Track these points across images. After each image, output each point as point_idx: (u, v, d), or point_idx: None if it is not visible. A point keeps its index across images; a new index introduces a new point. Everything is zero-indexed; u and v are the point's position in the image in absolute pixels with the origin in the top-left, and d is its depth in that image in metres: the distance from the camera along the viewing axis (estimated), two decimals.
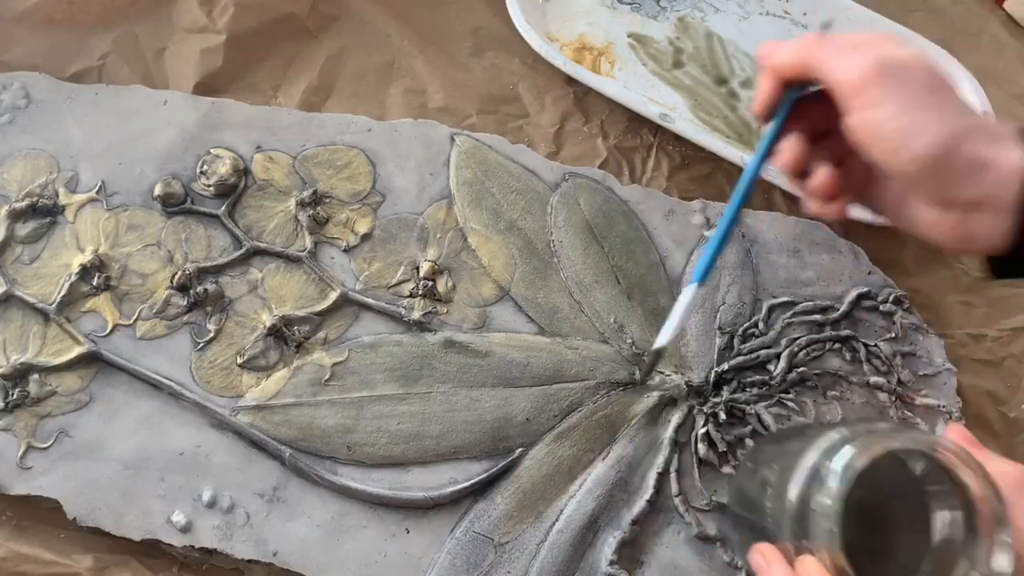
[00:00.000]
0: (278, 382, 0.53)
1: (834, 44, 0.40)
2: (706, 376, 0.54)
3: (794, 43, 0.41)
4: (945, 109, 0.38)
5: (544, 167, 0.60)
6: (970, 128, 0.38)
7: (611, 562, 0.49)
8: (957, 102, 0.39)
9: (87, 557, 0.50)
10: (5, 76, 0.62)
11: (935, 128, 0.37)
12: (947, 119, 0.37)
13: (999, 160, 0.37)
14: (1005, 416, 0.57)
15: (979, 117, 0.39)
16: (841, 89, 0.39)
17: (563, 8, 0.69)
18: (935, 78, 0.39)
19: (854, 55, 0.39)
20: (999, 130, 0.39)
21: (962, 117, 0.38)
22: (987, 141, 0.38)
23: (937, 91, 0.38)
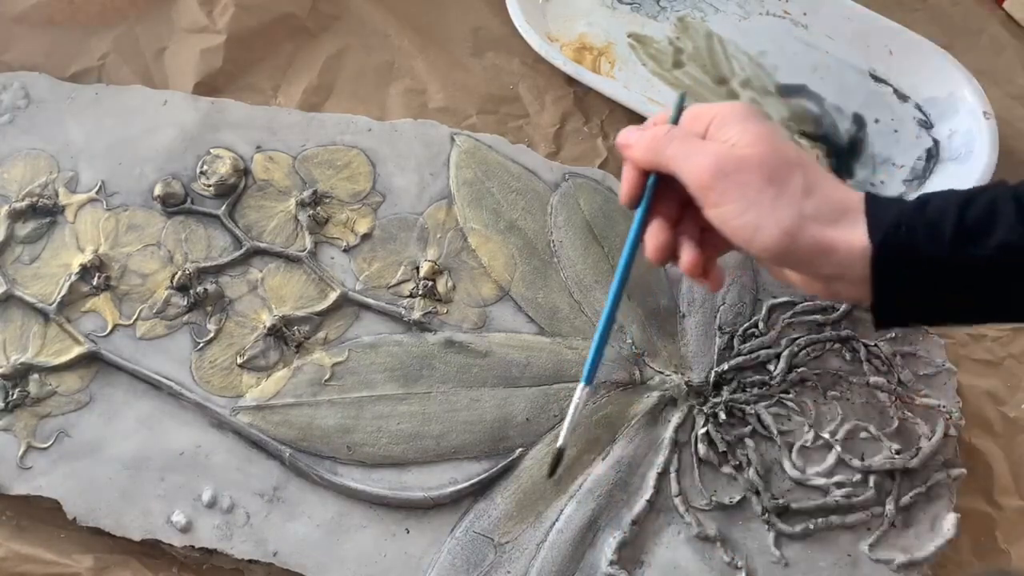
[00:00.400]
0: (278, 382, 0.53)
1: (679, 141, 0.41)
2: (706, 376, 0.54)
3: (647, 137, 0.42)
4: (782, 200, 0.39)
5: (544, 167, 0.60)
6: (810, 214, 0.39)
7: (611, 562, 0.49)
8: (797, 187, 0.39)
9: (87, 557, 0.50)
10: (5, 76, 0.62)
11: (774, 222, 0.39)
12: (785, 211, 0.38)
13: (842, 242, 0.38)
14: (1005, 416, 0.57)
15: (823, 195, 0.39)
16: (689, 188, 0.41)
17: (563, 8, 0.69)
18: (773, 168, 0.39)
19: (696, 157, 0.40)
20: (846, 203, 0.39)
21: (803, 202, 0.39)
22: (828, 223, 0.39)
23: (774, 182, 0.39)
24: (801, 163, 0.40)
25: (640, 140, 0.43)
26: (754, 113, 0.41)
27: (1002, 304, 0.38)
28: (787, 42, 0.69)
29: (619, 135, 0.44)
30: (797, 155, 0.40)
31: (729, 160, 0.39)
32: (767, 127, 0.41)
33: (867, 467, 0.51)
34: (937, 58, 0.65)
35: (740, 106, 0.42)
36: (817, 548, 0.50)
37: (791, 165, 0.39)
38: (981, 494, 0.54)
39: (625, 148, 0.44)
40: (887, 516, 0.50)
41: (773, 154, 0.39)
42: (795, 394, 0.53)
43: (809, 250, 0.39)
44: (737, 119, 0.41)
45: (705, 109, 0.43)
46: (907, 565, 0.50)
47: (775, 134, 0.41)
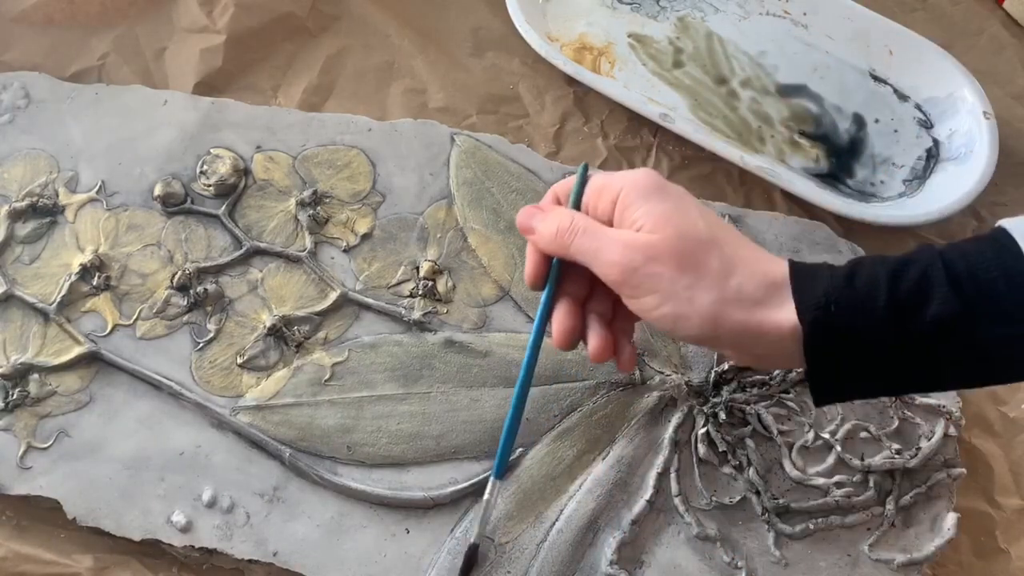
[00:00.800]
0: (278, 382, 0.53)
1: (584, 235, 0.39)
2: (706, 376, 0.54)
3: (550, 228, 0.41)
4: (700, 287, 0.37)
5: (544, 167, 0.60)
6: (731, 298, 0.37)
7: (611, 562, 0.49)
8: (713, 270, 0.37)
9: (87, 557, 0.50)
10: (5, 76, 0.62)
11: (693, 311, 0.37)
12: (704, 298, 0.37)
13: (769, 324, 0.37)
14: (1005, 416, 0.57)
15: (744, 273, 0.37)
16: (604, 281, 0.39)
17: (563, 8, 0.69)
18: (684, 253, 0.37)
19: (604, 254, 0.38)
20: (770, 277, 0.37)
21: (722, 285, 0.37)
22: (753, 305, 0.37)
23: (688, 270, 0.37)
24: (715, 241, 0.38)
25: (544, 230, 0.41)
26: (657, 187, 0.39)
27: (937, 375, 0.37)
28: (787, 42, 0.69)
29: (519, 216, 0.42)
30: (709, 233, 0.38)
31: (637, 252, 0.38)
32: (672, 204, 0.39)
33: (867, 467, 0.51)
34: (937, 58, 0.65)
35: (643, 179, 0.39)
36: (817, 548, 0.50)
37: (703, 246, 0.38)
38: (981, 494, 0.54)
39: (527, 233, 0.42)
40: (887, 516, 0.50)
41: (681, 238, 0.38)
42: (795, 394, 0.53)
43: (735, 334, 0.37)
44: (640, 197, 0.39)
45: (608, 183, 0.40)
46: (907, 565, 0.50)
47: (683, 212, 0.38)
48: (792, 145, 0.64)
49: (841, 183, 0.63)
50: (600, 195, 0.41)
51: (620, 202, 0.39)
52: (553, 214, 0.41)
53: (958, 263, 0.36)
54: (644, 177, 0.40)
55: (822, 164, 0.64)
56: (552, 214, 0.41)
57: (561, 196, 0.43)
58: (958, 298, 0.35)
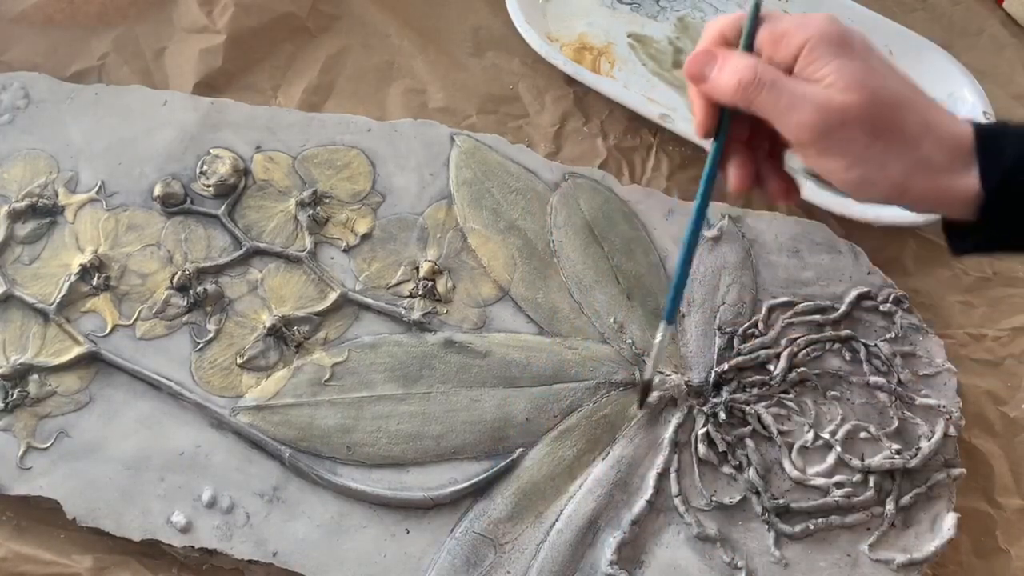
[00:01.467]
0: (278, 382, 0.53)
1: (771, 90, 0.37)
2: (706, 376, 0.54)
3: (730, 77, 0.38)
4: (891, 153, 0.36)
5: (544, 167, 0.60)
6: (920, 164, 0.36)
7: (611, 562, 0.49)
8: (905, 135, 0.36)
9: (87, 557, 0.50)
10: (5, 76, 0.62)
11: (883, 177, 0.37)
12: (894, 165, 0.36)
13: (954, 190, 0.37)
14: (1005, 416, 0.57)
15: (933, 138, 0.36)
16: (786, 138, 0.38)
17: (563, 8, 0.69)
18: (879, 118, 0.36)
19: (794, 113, 0.37)
20: (957, 141, 0.37)
21: (913, 152, 0.36)
22: (939, 171, 0.36)
23: (882, 135, 0.36)
24: (908, 105, 0.37)
25: (723, 82, 0.38)
26: (846, 40, 0.37)
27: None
28: None
29: (689, 63, 0.39)
30: (903, 95, 0.37)
31: (832, 115, 0.36)
32: (863, 62, 0.37)
33: (867, 467, 0.51)
34: (937, 58, 0.65)
35: (828, 27, 0.37)
36: (817, 548, 0.50)
37: (897, 110, 0.36)
38: (981, 494, 0.54)
39: (698, 81, 0.39)
40: (887, 516, 0.50)
41: (877, 102, 0.36)
42: (795, 394, 0.53)
43: (918, 199, 0.37)
44: (830, 51, 0.37)
45: (790, 31, 0.38)
46: (907, 565, 0.49)
47: (876, 71, 0.37)
48: None
49: None
50: (780, 43, 0.38)
51: (807, 54, 0.37)
52: (731, 62, 0.38)
53: None
54: (829, 25, 0.37)
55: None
56: (730, 62, 0.38)
57: (728, 34, 0.39)
58: None
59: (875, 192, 0.37)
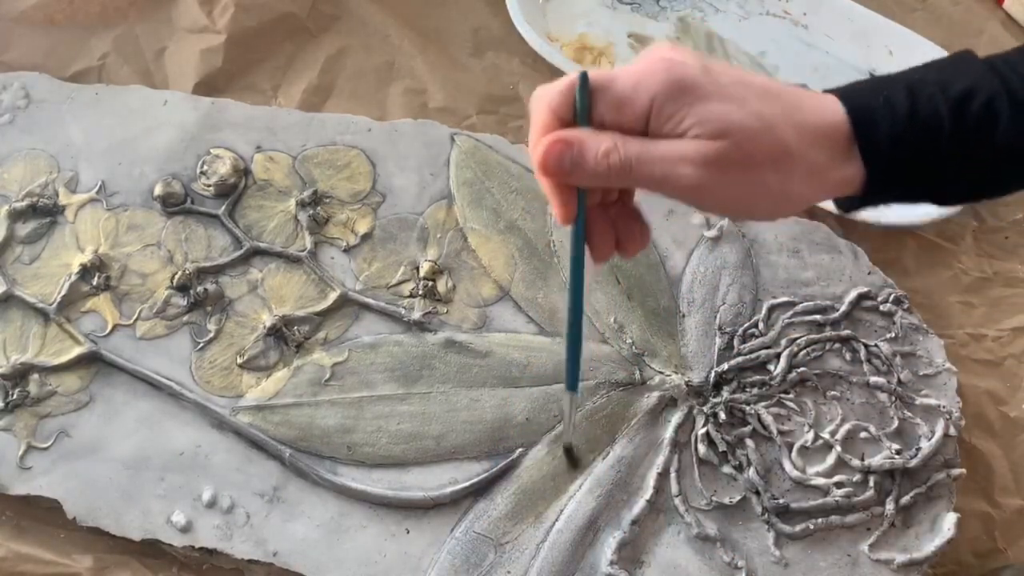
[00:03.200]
0: (278, 382, 0.53)
1: (642, 162, 0.35)
2: (706, 376, 0.54)
3: (593, 161, 0.36)
4: (779, 175, 0.36)
5: None
6: (807, 174, 0.36)
7: (611, 562, 0.49)
8: (785, 153, 0.35)
9: (87, 557, 0.50)
10: (5, 76, 0.62)
11: (778, 200, 0.36)
12: (785, 185, 0.36)
13: (838, 181, 0.37)
14: (1005, 416, 0.57)
15: (808, 140, 0.36)
16: (671, 198, 0.37)
17: (563, 8, 0.69)
18: (758, 148, 0.35)
19: (673, 178, 0.35)
20: (833, 131, 0.36)
21: (797, 167, 0.36)
22: (824, 174, 0.36)
23: (763, 162, 0.35)
24: (778, 119, 0.35)
25: (587, 167, 0.36)
26: (691, 85, 0.35)
27: (981, 188, 0.38)
28: (787, 42, 0.69)
29: (543, 157, 0.36)
30: (768, 112, 0.35)
31: (711, 167, 0.35)
32: (720, 99, 0.35)
33: (867, 467, 0.51)
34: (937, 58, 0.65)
35: (669, 81, 0.35)
36: (817, 548, 0.50)
37: (771, 131, 0.35)
38: (981, 494, 0.54)
39: (560, 175, 0.36)
40: (887, 516, 0.50)
41: (749, 135, 0.35)
42: (795, 394, 0.53)
43: (815, 201, 0.38)
44: (681, 102, 0.35)
45: (629, 96, 0.35)
46: (907, 565, 0.49)
47: (734, 101, 0.35)
48: None
49: None
50: (623, 110, 0.36)
51: (657, 115, 0.35)
52: (589, 144, 0.36)
53: (1020, 90, 0.36)
54: (666, 75, 0.35)
55: None
56: (587, 145, 0.36)
57: (559, 111, 0.36)
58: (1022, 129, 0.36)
59: (778, 214, 0.38)
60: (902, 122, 0.36)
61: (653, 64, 0.36)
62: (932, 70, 0.38)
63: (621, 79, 0.36)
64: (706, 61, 0.36)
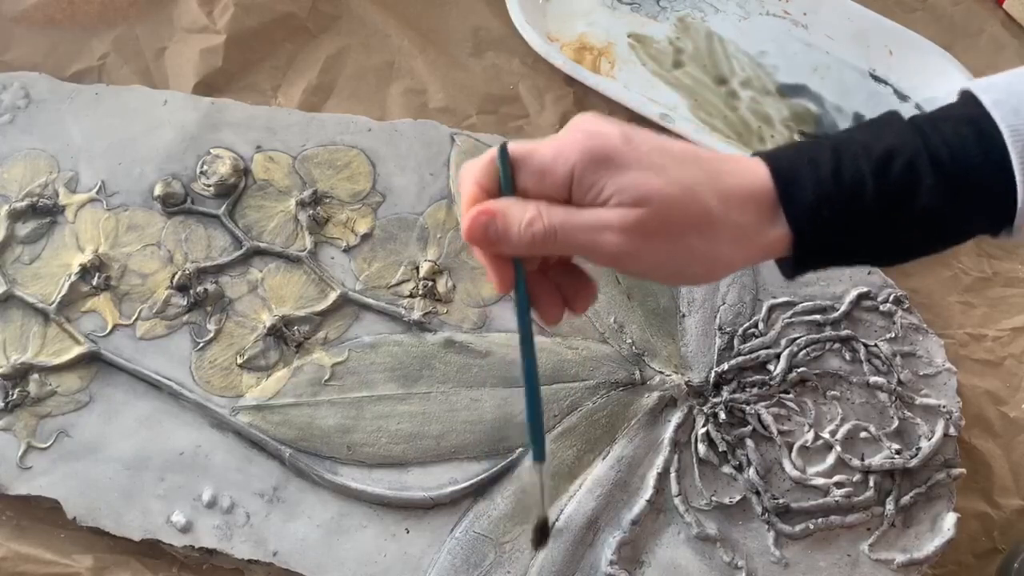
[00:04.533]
0: (278, 382, 0.53)
1: (567, 230, 0.36)
2: (706, 376, 0.54)
3: (517, 231, 0.36)
4: (703, 240, 0.36)
5: None
6: (733, 239, 0.36)
7: (611, 562, 0.49)
8: (709, 219, 0.36)
9: (87, 557, 0.50)
10: (5, 76, 0.62)
11: (705, 265, 0.37)
12: (711, 250, 0.36)
13: (764, 245, 0.37)
14: (1005, 416, 0.57)
15: (730, 204, 0.36)
16: (595, 263, 0.38)
17: (563, 8, 0.69)
18: (680, 214, 0.35)
19: (597, 244, 0.36)
20: (759, 202, 0.36)
21: (720, 232, 0.36)
22: (751, 238, 0.36)
23: (686, 229, 0.36)
24: (699, 186, 0.36)
25: (512, 237, 0.36)
26: (610, 154, 0.35)
27: (908, 250, 0.39)
28: (787, 42, 0.69)
29: (469, 228, 0.36)
30: (689, 178, 0.36)
31: (635, 234, 0.35)
32: (636, 168, 0.35)
33: (867, 467, 0.51)
34: (937, 58, 0.65)
35: (588, 149, 0.35)
36: (817, 548, 0.50)
37: (692, 198, 0.36)
38: (981, 494, 0.54)
39: (486, 244, 0.36)
40: (887, 516, 0.50)
41: (669, 203, 0.35)
42: (795, 394, 0.53)
43: (743, 265, 0.38)
44: (600, 172, 0.35)
45: (549, 166, 0.36)
46: (907, 565, 0.50)
47: (654, 168, 0.36)
48: None
49: None
50: (545, 179, 0.36)
51: (578, 185, 0.36)
52: (513, 216, 0.36)
53: (941, 151, 0.36)
54: (584, 144, 0.35)
55: None
56: (512, 217, 0.36)
57: (484, 183, 0.37)
58: (945, 191, 0.36)
59: (692, 278, 0.38)
60: (826, 182, 0.36)
61: (573, 135, 0.36)
62: (859, 131, 0.38)
63: (541, 151, 0.36)
64: (627, 129, 0.37)
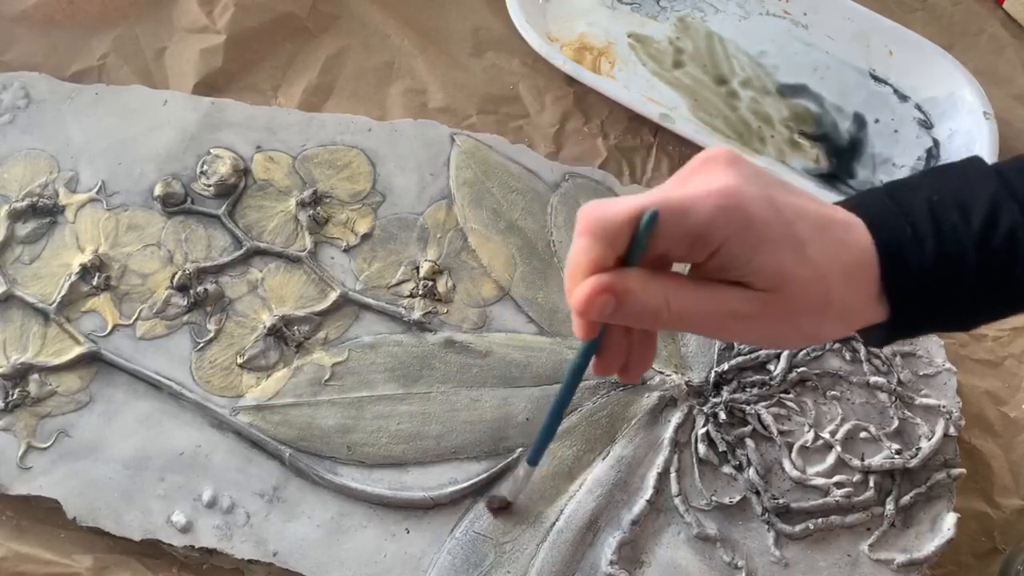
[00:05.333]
0: (278, 382, 0.53)
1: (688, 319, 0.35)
2: (706, 376, 0.54)
3: (644, 316, 0.35)
4: (810, 322, 0.36)
5: (544, 167, 0.60)
6: (835, 318, 0.36)
7: (611, 562, 0.49)
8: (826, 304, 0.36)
9: (87, 557, 0.50)
10: (5, 76, 0.62)
11: (801, 340, 0.38)
12: (814, 329, 0.36)
13: (864, 321, 0.37)
14: (1005, 416, 0.57)
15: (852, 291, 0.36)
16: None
17: (563, 8, 0.69)
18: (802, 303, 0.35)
19: (717, 333, 0.37)
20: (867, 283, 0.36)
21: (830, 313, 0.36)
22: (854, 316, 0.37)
23: (802, 314, 0.36)
24: (825, 275, 0.35)
25: (628, 316, 0.35)
26: (763, 226, 0.34)
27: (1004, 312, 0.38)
28: (787, 42, 0.69)
29: (584, 305, 0.34)
30: (821, 259, 0.35)
31: (751, 321, 0.35)
32: (783, 250, 0.34)
33: (867, 467, 0.51)
34: (937, 58, 0.65)
35: (742, 218, 0.34)
36: (817, 548, 0.50)
37: (816, 288, 0.35)
38: (981, 494, 0.54)
39: (601, 319, 0.35)
40: (887, 516, 0.50)
41: (795, 294, 0.35)
42: (795, 394, 0.53)
43: (821, 341, 0.39)
44: (749, 249, 0.34)
45: (699, 227, 0.34)
46: (907, 565, 0.50)
47: (793, 255, 0.35)
48: (792, 145, 0.64)
49: (841, 183, 0.63)
50: (692, 247, 0.34)
51: (723, 255, 0.34)
52: (638, 299, 0.34)
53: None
54: (739, 213, 0.34)
55: (822, 164, 0.64)
56: (637, 299, 0.34)
57: (616, 244, 0.34)
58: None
59: (792, 348, 0.40)
60: (929, 260, 0.36)
61: (724, 196, 0.34)
62: (949, 182, 0.37)
63: (693, 213, 0.34)
64: (770, 190, 0.35)
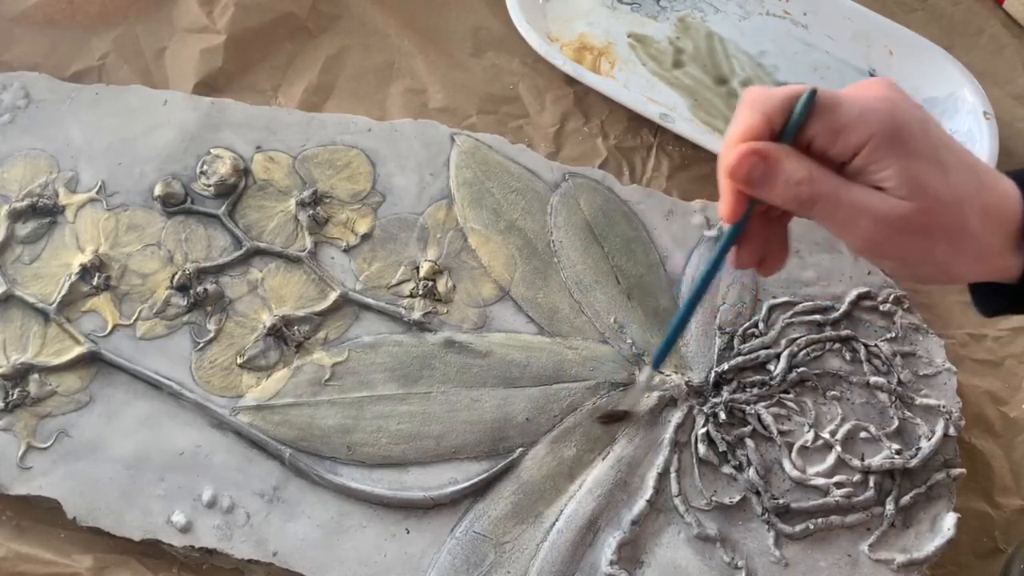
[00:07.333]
0: (278, 382, 0.53)
1: (828, 202, 0.35)
2: (706, 376, 0.54)
3: (783, 181, 0.35)
4: (947, 252, 0.36)
5: (544, 167, 0.60)
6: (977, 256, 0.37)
7: (611, 562, 0.49)
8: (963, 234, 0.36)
9: (87, 557, 0.50)
10: (5, 76, 0.62)
11: (937, 271, 0.37)
12: (949, 261, 0.36)
13: (999, 270, 0.37)
14: (1005, 416, 0.57)
15: (989, 228, 0.36)
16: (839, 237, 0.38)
17: (563, 8, 0.69)
18: (940, 221, 0.35)
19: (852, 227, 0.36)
20: (1008, 226, 0.37)
21: (969, 247, 0.36)
22: (991, 257, 0.37)
23: (940, 237, 0.36)
24: (968, 197, 0.35)
25: (776, 189, 0.36)
26: (907, 138, 0.35)
27: None
28: (787, 42, 0.69)
29: (735, 164, 0.36)
30: (963, 188, 0.35)
31: (890, 227, 0.35)
32: (925, 161, 0.35)
33: (867, 467, 0.51)
34: (937, 58, 0.65)
35: (891, 125, 0.35)
36: (817, 548, 0.50)
37: (958, 208, 0.35)
38: (981, 494, 0.54)
39: (745, 185, 0.36)
40: (887, 516, 0.50)
41: (938, 208, 0.35)
42: (795, 394, 0.53)
43: (965, 279, 0.38)
44: (893, 152, 0.35)
45: (850, 126, 0.35)
46: (907, 565, 0.49)
47: (938, 167, 0.35)
48: None
49: None
50: (838, 137, 0.35)
51: (867, 155, 0.35)
52: (784, 168, 0.35)
53: None
54: (890, 118, 0.35)
55: None
56: (783, 167, 0.35)
57: (772, 117, 0.36)
58: None
59: (925, 279, 0.39)
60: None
61: (880, 100, 0.35)
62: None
63: (846, 106, 0.35)
64: (925, 114, 0.36)
